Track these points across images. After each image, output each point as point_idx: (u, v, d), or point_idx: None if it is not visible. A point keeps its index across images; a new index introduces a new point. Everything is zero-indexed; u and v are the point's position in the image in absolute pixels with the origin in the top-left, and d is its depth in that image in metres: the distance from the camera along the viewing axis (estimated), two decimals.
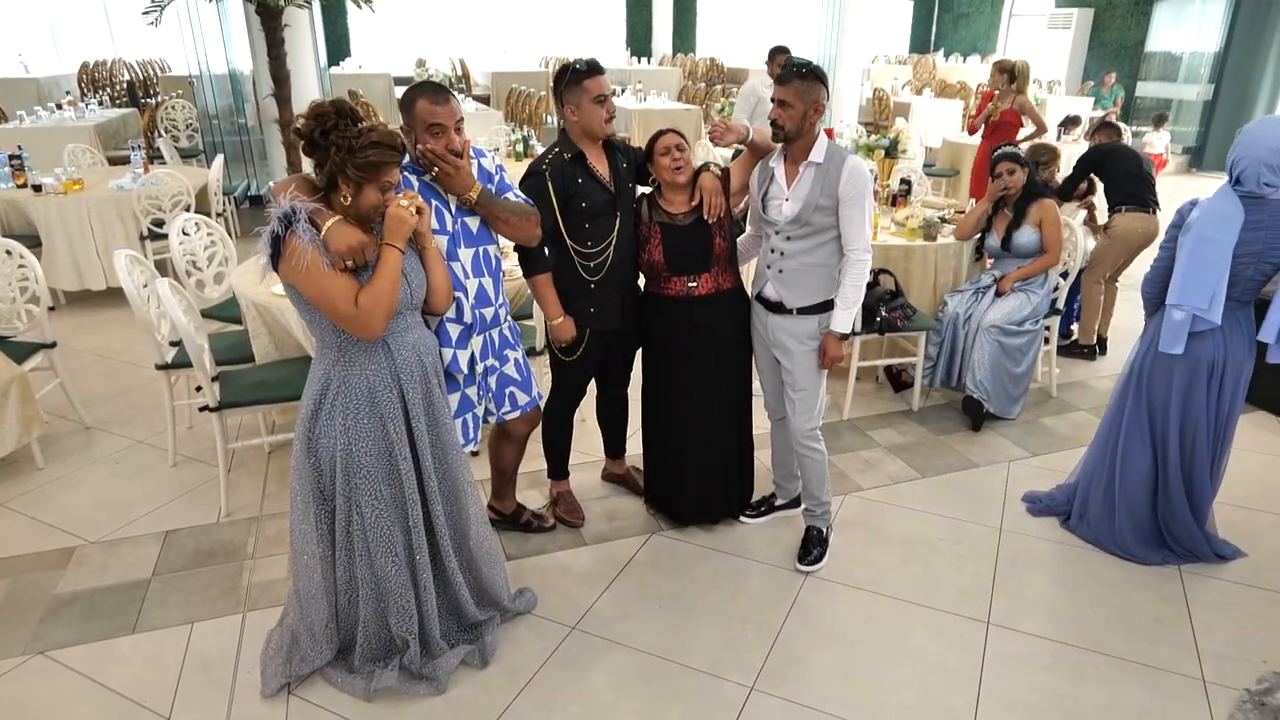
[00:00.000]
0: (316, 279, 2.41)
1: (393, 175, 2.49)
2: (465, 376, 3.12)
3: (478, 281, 3.08)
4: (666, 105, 12.72)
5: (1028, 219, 4.74)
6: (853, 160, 3.19)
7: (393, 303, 2.52)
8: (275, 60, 7.80)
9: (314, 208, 2.44)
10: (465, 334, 3.07)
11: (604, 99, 3.23)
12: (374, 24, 17.41)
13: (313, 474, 2.67)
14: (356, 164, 2.41)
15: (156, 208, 6.50)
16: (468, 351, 3.09)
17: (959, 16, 20.54)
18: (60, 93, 12.56)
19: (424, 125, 2.84)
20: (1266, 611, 3.33)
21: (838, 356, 3.34)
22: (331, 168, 2.45)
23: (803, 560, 3.54)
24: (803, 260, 3.29)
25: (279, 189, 2.56)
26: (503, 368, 3.26)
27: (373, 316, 2.48)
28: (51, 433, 4.58)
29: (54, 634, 3.13)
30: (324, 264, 2.41)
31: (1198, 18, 13.89)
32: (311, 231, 2.40)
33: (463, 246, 3.02)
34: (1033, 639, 3.17)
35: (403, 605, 2.79)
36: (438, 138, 2.84)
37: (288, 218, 2.39)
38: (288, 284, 2.49)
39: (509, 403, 3.32)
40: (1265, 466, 4.40)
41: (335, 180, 2.47)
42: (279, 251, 2.41)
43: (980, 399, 4.68)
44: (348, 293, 2.45)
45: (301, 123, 2.48)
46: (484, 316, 3.11)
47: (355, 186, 2.46)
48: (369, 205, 2.48)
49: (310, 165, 2.56)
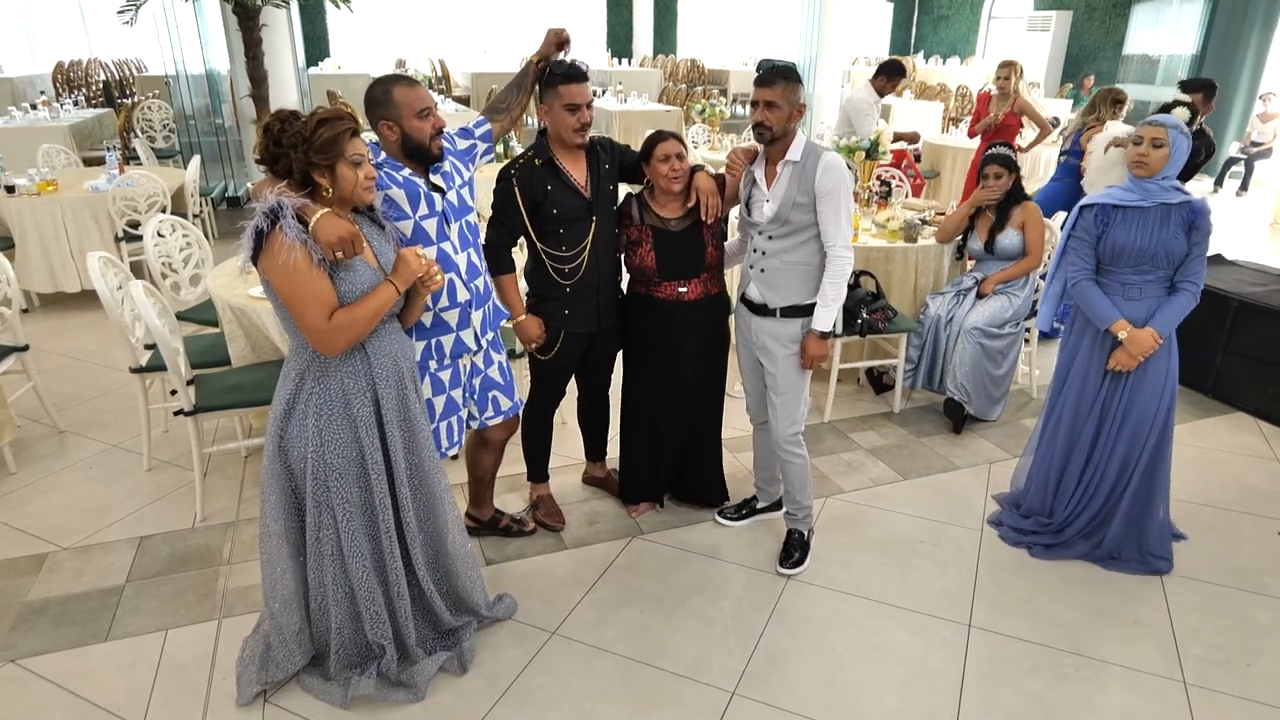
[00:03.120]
0: (297, 280, 2.37)
1: (356, 146, 2.45)
2: (452, 376, 3.10)
3: (466, 255, 3.06)
4: (647, 106, 12.70)
5: (1010, 222, 4.75)
6: (829, 156, 3.18)
7: (364, 334, 2.50)
8: (253, 60, 7.75)
9: (301, 203, 2.40)
10: (465, 313, 3.05)
11: (576, 108, 3.16)
12: (353, 24, 17.29)
13: (284, 474, 2.63)
14: (315, 148, 2.38)
15: (132, 209, 6.43)
16: (470, 329, 3.09)
17: (939, 19, 20.65)
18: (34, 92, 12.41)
19: (412, 111, 2.82)
20: (1247, 614, 3.34)
21: (819, 356, 3.33)
22: (299, 166, 2.41)
23: (784, 564, 3.53)
24: (784, 259, 3.28)
25: (261, 187, 2.53)
26: (487, 370, 3.24)
27: (339, 337, 2.45)
28: (24, 437, 4.52)
29: (25, 642, 3.07)
30: (308, 264, 2.37)
31: (1175, 20, 14.01)
32: (298, 228, 2.35)
33: (452, 221, 3.01)
34: (1014, 641, 3.17)
35: (374, 610, 2.76)
36: (426, 119, 2.83)
37: (274, 213, 2.34)
38: (265, 279, 2.45)
39: (492, 407, 3.29)
40: (1246, 469, 4.43)
41: (310, 178, 2.44)
42: (260, 246, 2.37)
43: (961, 400, 4.68)
44: (323, 304, 2.41)
45: (257, 151, 2.47)
46: (478, 289, 3.10)
47: (329, 172, 2.43)
48: (349, 184, 2.46)
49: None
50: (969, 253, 4.98)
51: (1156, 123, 3.23)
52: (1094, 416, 3.55)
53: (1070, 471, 3.66)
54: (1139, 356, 3.36)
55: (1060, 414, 3.64)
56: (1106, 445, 3.55)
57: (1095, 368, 3.52)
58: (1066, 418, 3.62)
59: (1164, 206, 3.26)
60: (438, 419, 3.10)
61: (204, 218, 7.84)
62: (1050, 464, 3.71)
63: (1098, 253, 3.39)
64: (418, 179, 2.91)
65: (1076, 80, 14.72)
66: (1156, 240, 3.26)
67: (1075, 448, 3.63)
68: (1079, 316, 3.54)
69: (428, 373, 3.05)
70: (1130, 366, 3.39)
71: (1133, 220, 3.29)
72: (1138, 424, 3.47)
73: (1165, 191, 3.25)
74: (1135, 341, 3.34)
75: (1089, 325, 3.49)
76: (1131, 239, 3.28)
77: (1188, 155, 3.27)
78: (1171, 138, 3.20)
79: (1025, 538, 3.73)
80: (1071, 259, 3.46)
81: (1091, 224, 3.37)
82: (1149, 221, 3.27)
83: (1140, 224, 3.28)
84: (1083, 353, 3.55)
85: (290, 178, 2.44)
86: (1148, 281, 3.34)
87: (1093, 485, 3.60)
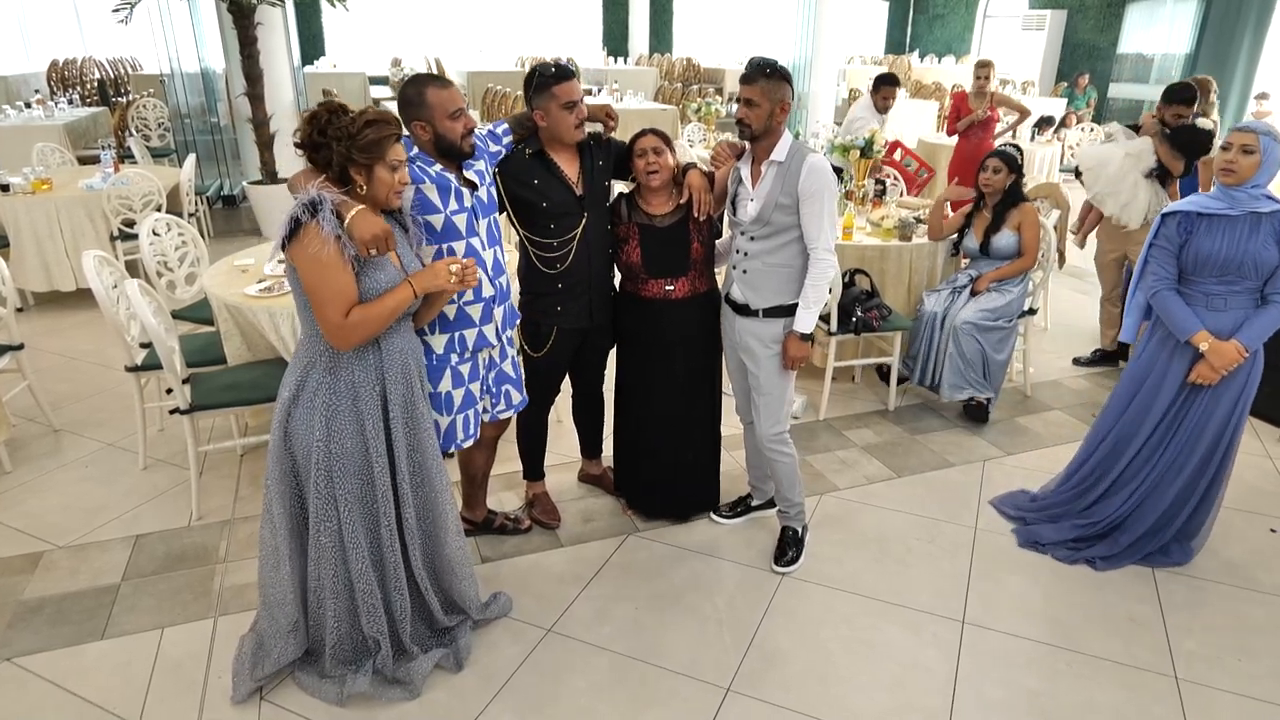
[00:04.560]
0: (325, 273, 2.40)
1: (397, 151, 2.51)
2: (471, 370, 3.11)
3: (493, 251, 3.09)
4: (643, 105, 12.72)
5: (1007, 222, 4.77)
6: (813, 158, 3.16)
7: (376, 333, 2.54)
8: (248, 59, 7.75)
9: (341, 199, 2.45)
10: (488, 308, 3.08)
11: (574, 105, 3.18)
12: (348, 23, 17.28)
13: (288, 462, 2.65)
14: (359, 146, 2.43)
15: (127, 208, 6.42)
16: (493, 324, 3.11)
17: (934, 18, 20.67)
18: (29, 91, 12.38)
19: (445, 113, 2.85)
20: (1239, 610, 3.36)
21: (799, 357, 3.31)
22: (339, 160, 2.45)
23: (778, 561, 3.54)
24: (766, 260, 3.27)
25: (299, 179, 2.57)
26: (502, 364, 3.26)
27: (353, 334, 2.48)
28: (19, 436, 4.52)
29: (21, 640, 3.07)
30: (338, 259, 2.40)
31: (1169, 20, 14.05)
32: (334, 222, 2.39)
33: (481, 217, 3.03)
34: (1008, 638, 3.18)
35: (371, 604, 2.77)
36: (458, 119, 2.86)
37: (313, 204, 2.38)
38: (291, 267, 2.48)
39: (504, 400, 3.32)
40: (1239, 466, 4.42)
41: (347, 173, 2.48)
42: (293, 235, 2.40)
43: (970, 392, 4.75)
44: (344, 300, 2.44)
45: (298, 135, 2.50)
46: (501, 285, 3.13)
47: (366, 171, 2.48)
48: (384, 187, 2.51)
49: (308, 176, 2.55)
50: (964, 251, 4.99)
51: (1247, 128, 3.13)
52: (1163, 426, 3.46)
53: (1128, 474, 3.58)
54: (1222, 370, 3.25)
55: (1126, 420, 3.56)
56: (1177, 456, 3.46)
57: (1172, 378, 3.41)
58: (1130, 424, 3.54)
59: (1254, 215, 3.16)
60: (456, 411, 3.10)
61: (199, 216, 7.83)
62: (1108, 466, 3.65)
63: (1180, 262, 3.30)
64: (449, 174, 2.93)
65: (1071, 79, 14.75)
66: (1243, 250, 3.15)
67: (1138, 455, 3.54)
68: (1159, 327, 3.45)
69: (449, 365, 3.05)
70: (1213, 380, 3.29)
71: (1218, 229, 3.19)
72: (1212, 436, 3.39)
73: (1255, 200, 3.14)
74: (1218, 354, 3.23)
75: (1169, 336, 3.39)
76: (1216, 248, 3.18)
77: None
78: (1263, 144, 3.10)
79: (1079, 553, 3.63)
80: (1153, 268, 3.36)
81: (1174, 232, 3.28)
82: (1236, 230, 3.17)
83: (1226, 233, 3.18)
84: (1160, 363, 3.45)
85: (328, 170, 2.49)
86: (1233, 292, 3.24)
87: (1146, 492, 3.53)
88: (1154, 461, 3.52)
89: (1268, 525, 3.91)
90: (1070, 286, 7.38)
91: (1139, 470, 3.56)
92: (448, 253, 2.96)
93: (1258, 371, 3.34)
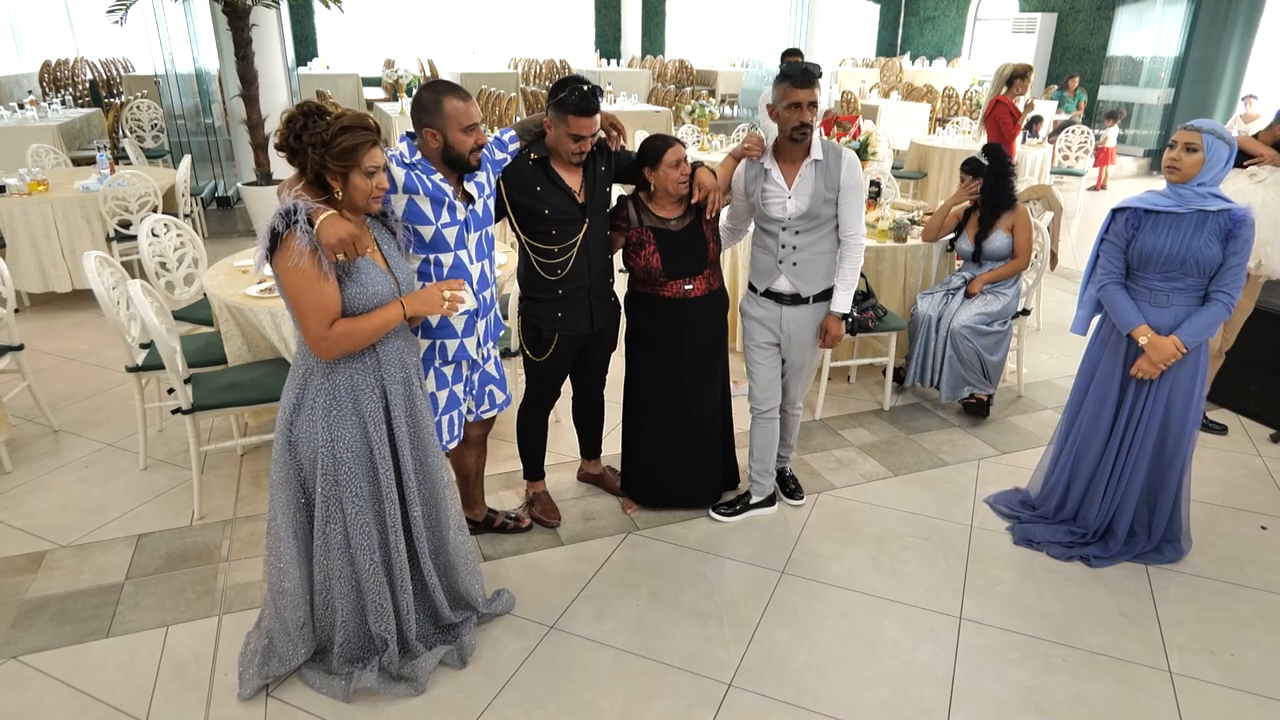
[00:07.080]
0: (302, 284, 2.41)
1: (373, 157, 2.48)
2: (454, 372, 3.14)
3: (480, 266, 3.11)
4: (636, 107, 12.75)
5: (999, 224, 4.82)
6: (848, 153, 3.44)
7: (360, 347, 2.55)
8: (242, 60, 7.76)
9: (315, 206, 2.43)
10: (470, 322, 3.10)
11: (581, 139, 3.16)
12: (342, 24, 17.29)
13: (293, 469, 2.67)
14: (333, 154, 2.42)
15: (123, 209, 6.42)
16: (474, 338, 3.13)
17: (925, 20, 20.77)
18: (22, 92, 12.37)
19: (459, 125, 2.84)
20: (1230, 604, 3.41)
21: (839, 335, 3.61)
22: (314, 166, 2.45)
23: (793, 497, 4.02)
24: (814, 250, 3.50)
25: (284, 186, 2.58)
26: (485, 365, 3.28)
27: (335, 346, 2.49)
28: (19, 436, 4.53)
29: (26, 639, 3.09)
30: (315, 269, 2.40)
31: (1158, 23, 14.14)
32: (309, 231, 2.39)
33: (472, 231, 3.05)
34: (1003, 633, 3.23)
35: (380, 603, 2.79)
36: (471, 133, 2.85)
37: (289, 214, 2.38)
38: (277, 276, 2.49)
39: (488, 400, 3.34)
40: (1228, 464, 4.50)
41: (324, 179, 2.48)
42: (275, 246, 2.41)
43: (970, 390, 4.82)
44: (325, 311, 2.45)
45: (277, 137, 2.49)
46: (485, 300, 3.15)
47: (341, 178, 2.46)
48: (361, 194, 2.49)
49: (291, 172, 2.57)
50: (958, 252, 5.04)
51: (1192, 127, 3.18)
52: (1120, 422, 3.53)
53: (1098, 477, 3.64)
54: (1160, 364, 3.33)
55: (1083, 417, 3.65)
56: (1132, 452, 3.52)
57: (1119, 373, 3.51)
58: (1088, 421, 3.62)
59: (1200, 214, 3.20)
60: (440, 412, 3.13)
61: (195, 217, 7.84)
62: (1075, 468, 3.71)
63: (1126, 256, 3.37)
64: (447, 185, 2.94)
65: (1061, 81, 14.83)
66: (1186, 247, 3.21)
67: (1102, 453, 3.61)
68: (1106, 321, 3.53)
69: (432, 367, 3.09)
70: (1153, 374, 3.36)
71: (1164, 226, 3.25)
72: (1172, 433, 3.45)
73: (1203, 198, 3.19)
74: (1156, 349, 3.31)
75: (1115, 330, 3.48)
76: (1160, 244, 3.24)
77: (1230, 163, 3.20)
78: (1207, 143, 3.14)
79: (1073, 550, 3.67)
80: (1102, 263, 3.45)
81: (1122, 228, 3.35)
82: (1181, 228, 3.22)
83: (1172, 230, 3.23)
84: (1107, 357, 3.54)
85: (305, 174, 2.49)
86: (1176, 289, 3.30)
87: (1120, 492, 3.59)
88: (1119, 462, 3.57)
89: (1258, 523, 3.97)
90: (1062, 288, 7.44)
91: (1107, 472, 3.61)
92: (434, 263, 2.98)
93: (1204, 368, 3.42)
